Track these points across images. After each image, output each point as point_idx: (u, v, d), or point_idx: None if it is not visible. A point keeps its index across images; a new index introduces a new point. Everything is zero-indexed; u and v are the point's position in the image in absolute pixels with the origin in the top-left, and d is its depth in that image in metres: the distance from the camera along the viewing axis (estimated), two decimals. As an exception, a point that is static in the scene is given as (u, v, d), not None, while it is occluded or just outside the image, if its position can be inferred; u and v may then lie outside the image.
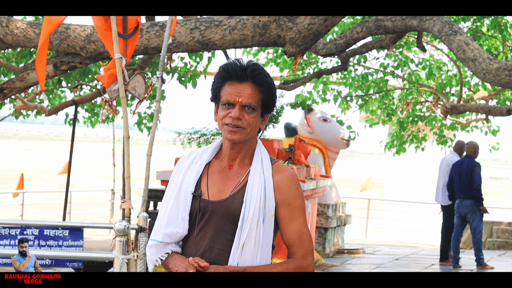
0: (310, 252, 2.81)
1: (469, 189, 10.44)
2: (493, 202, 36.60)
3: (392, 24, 7.13)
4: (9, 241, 6.66)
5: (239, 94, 2.75)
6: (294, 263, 2.79)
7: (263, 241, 2.77)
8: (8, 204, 18.89)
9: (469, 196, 10.47)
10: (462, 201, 10.52)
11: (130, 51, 5.49)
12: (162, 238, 2.83)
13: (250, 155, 2.85)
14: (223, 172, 2.84)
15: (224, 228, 2.77)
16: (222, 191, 2.81)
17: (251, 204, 2.75)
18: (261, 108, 2.80)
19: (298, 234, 2.80)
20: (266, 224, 2.78)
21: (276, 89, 2.87)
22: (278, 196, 2.80)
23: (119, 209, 5.14)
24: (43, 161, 51.20)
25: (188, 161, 2.90)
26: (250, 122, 2.77)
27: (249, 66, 2.77)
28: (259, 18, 6.65)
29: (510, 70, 6.17)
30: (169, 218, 2.83)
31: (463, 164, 10.60)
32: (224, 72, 2.79)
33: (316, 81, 14.78)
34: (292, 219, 2.81)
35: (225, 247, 2.77)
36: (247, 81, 2.76)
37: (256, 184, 2.77)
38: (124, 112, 5.07)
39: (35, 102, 13.68)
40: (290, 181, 2.83)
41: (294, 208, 2.82)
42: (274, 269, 2.76)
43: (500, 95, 14.08)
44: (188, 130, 10.56)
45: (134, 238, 5.17)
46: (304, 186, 9.55)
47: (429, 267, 10.99)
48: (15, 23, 6.95)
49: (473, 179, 10.40)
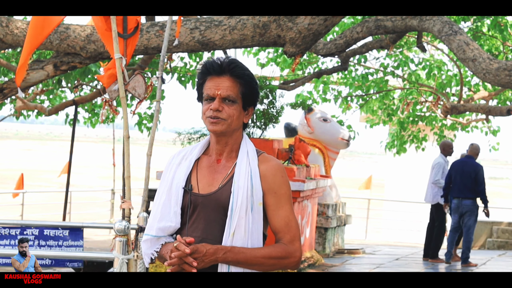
0: (297, 238, 2.89)
1: (471, 190, 10.53)
2: (493, 202, 36.60)
3: (392, 24, 7.13)
4: (9, 241, 6.66)
5: (217, 87, 2.89)
6: (281, 247, 2.86)
7: (252, 229, 2.86)
8: (8, 204, 18.88)
9: (469, 196, 10.56)
10: (462, 201, 10.61)
11: (130, 51, 5.48)
12: (155, 232, 2.94)
13: (236, 149, 2.96)
14: (212, 167, 2.95)
15: (215, 219, 2.87)
16: (211, 184, 2.92)
17: (238, 194, 2.85)
18: (242, 101, 2.92)
19: (285, 221, 2.89)
20: (255, 212, 2.87)
21: (256, 82, 3.00)
22: (264, 185, 2.90)
23: (119, 209, 5.14)
24: (43, 161, 51.22)
25: (178, 158, 3.01)
26: (230, 113, 2.88)
27: (226, 60, 2.92)
28: (259, 18, 6.65)
29: (510, 70, 6.17)
30: (161, 212, 2.94)
31: (466, 164, 10.67)
32: (203, 69, 2.94)
33: (316, 81, 14.78)
34: (278, 207, 2.90)
35: (217, 238, 2.85)
36: (225, 74, 2.90)
37: (243, 174, 2.88)
38: (124, 112, 5.07)
39: (35, 102, 13.68)
40: (275, 170, 2.92)
41: (280, 196, 2.90)
42: (261, 251, 2.84)
43: (500, 95, 14.08)
44: (188, 130, 10.57)
45: (134, 238, 5.17)
46: (304, 186, 9.55)
47: (429, 267, 11.00)
48: (15, 23, 6.95)
49: (478, 181, 10.50)
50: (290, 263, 2.86)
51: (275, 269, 2.86)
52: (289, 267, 2.88)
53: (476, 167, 10.58)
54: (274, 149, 9.80)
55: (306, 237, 10.54)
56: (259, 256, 2.82)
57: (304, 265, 10.21)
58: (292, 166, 9.77)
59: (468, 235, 10.66)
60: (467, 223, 10.63)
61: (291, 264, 2.87)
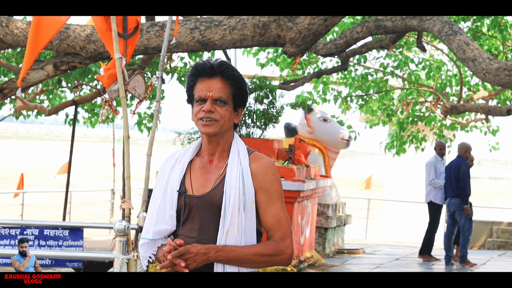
0: (288, 235, 2.92)
1: (457, 188, 10.70)
2: (493, 202, 36.63)
3: (392, 24, 7.13)
4: (9, 241, 6.66)
5: (209, 88, 2.92)
6: (272, 245, 2.90)
7: (245, 227, 2.89)
8: (8, 204, 18.88)
9: (456, 194, 10.73)
10: (451, 200, 10.84)
11: (130, 51, 5.48)
12: (152, 235, 2.98)
13: (227, 149, 2.99)
14: (204, 168, 2.99)
15: (210, 219, 2.91)
16: (205, 185, 2.96)
17: (231, 193, 2.89)
18: (232, 102, 2.95)
19: (276, 218, 2.92)
20: (248, 211, 2.90)
21: (246, 83, 3.04)
22: (256, 183, 2.93)
23: (119, 209, 5.14)
24: (43, 161, 51.20)
25: (172, 161, 3.05)
26: (223, 114, 2.92)
27: (217, 62, 2.95)
28: (259, 18, 6.65)
29: (510, 70, 6.17)
30: (157, 216, 2.98)
31: (453, 164, 10.84)
32: (194, 71, 2.97)
33: (316, 81, 14.77)
34: (269, 204, 2.93)
35: (212, 237, 2.89)
36: (216, 76, 2.93)
37: (234, 174, 2.92)
38: (124, 112, 5.07)
39: (35, 102, 13.68)
40: (266, 168, 2.96)
41: (271, 193, 2.94)
42: (252, 249, 2.88)
43: (500, 95, 14.08)
44: (188, 130, 10.57)
45: (134, 238, 5.18)
46: (304, 186, 9.55)
47: (429, 267, 11.00)
48: (15, 23, 6.95)
49: (459, 177, 10.66)
50: (282, 260, 2.90)
51: (267, 266, 2.90)
52: (281, 264, 2.92)
53: (459, 164, 10.73)
54: (274, 149, 9.80)
55: (306, 237, 10.54)
56: (250, 254, 2.86)
57: (304, 265, 10.21)
58: (292, 166, 9.77)
59: (464, 234, 10.74)
60: (460, 223, 10.77)
61: (283, 261, 2.90)
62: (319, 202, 11.62)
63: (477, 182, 57.87)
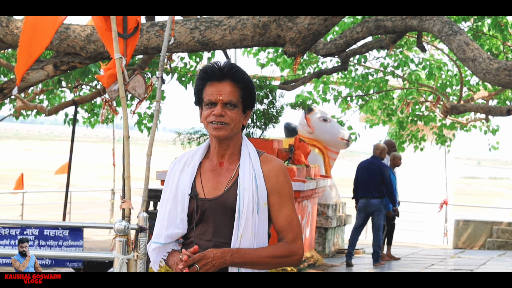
0: (299, 236, 2.95)
1: (378, 189, 10.63)
2: (493, 202, 36.62)
3: (392, 24, 7.13)
4: (9, 241, 6.66)
5: (219, 92, 2.92)
6: (284, 246, 2.92)
7: (258, 229, 2.91)
8: (8, 204, 18.88)
9: (376, 195, 10.66)
10: (370, 200, 10.72)
11: (130, 51, 5.48)
12: (164, 240, 2.98)
13: (237, 151, 3.00)
14: (215, 170, 2.99)
15: (224, 222, 2.91)
16: (217, 188, 2.95)
17: (244, 195, 2.89)
18: (242, 105, 2.97)
19: (288, 220, 2.95)
20: (261, 213, 2.92)
21: (254, 85, 3.05)
22: (268, 185, 2.95)
23: (119, 209, 5.14)
24: (43, 161, 51.18)
25: (180, 164, 3.05)
26: (233, 117, 2.93)
27: (226, 65, 2.95)
28: (259, 18, 6.64)
29: (510, 70, 6.17)
30: (168, 220, 2.97)
31: (372, 164, 10.78)
32: (203, 74, 2.96)
33: (316, 81, 14.78)
34: (281, 206, 2.95)
35: (226, 240, 2.90)
36: (226, 79, 2.94)
37: (247, 176, 2.92)
38: (124, 112, 5.07)
39: (35, 102, 13.68)
40: (278, 170, 2.97)
41: (283, 195, 2.96)
42: (265, 251, 2.89)
43: (500, 95, 14.08)
44: (188, 130, 10.57)
45: (134, 238, 5.17)
46: (304, 186, 9.55)
47: (429, 267, 11.00)
48: (15, 23, 6.94)
49: (385, 181, 10.62)
50: (294, 261, 2.92)
51: (279, 267, 2.92)
52: (292, 265, 2.94)
53: (381, 167, 10.71)
54: (274, 149, 9.80)
55: (306, 237, 10.54)
56: (264, 256, 2.87)
57: (304, 265, 10.21)
58: (292, 166, 9.77)
59: (378, 234, 10.69)
60: (376, 223, 10.70)
61: (294, 262, 2.93)
62: (319, 202, 11.63)
63: (477, 182, 57.88)
